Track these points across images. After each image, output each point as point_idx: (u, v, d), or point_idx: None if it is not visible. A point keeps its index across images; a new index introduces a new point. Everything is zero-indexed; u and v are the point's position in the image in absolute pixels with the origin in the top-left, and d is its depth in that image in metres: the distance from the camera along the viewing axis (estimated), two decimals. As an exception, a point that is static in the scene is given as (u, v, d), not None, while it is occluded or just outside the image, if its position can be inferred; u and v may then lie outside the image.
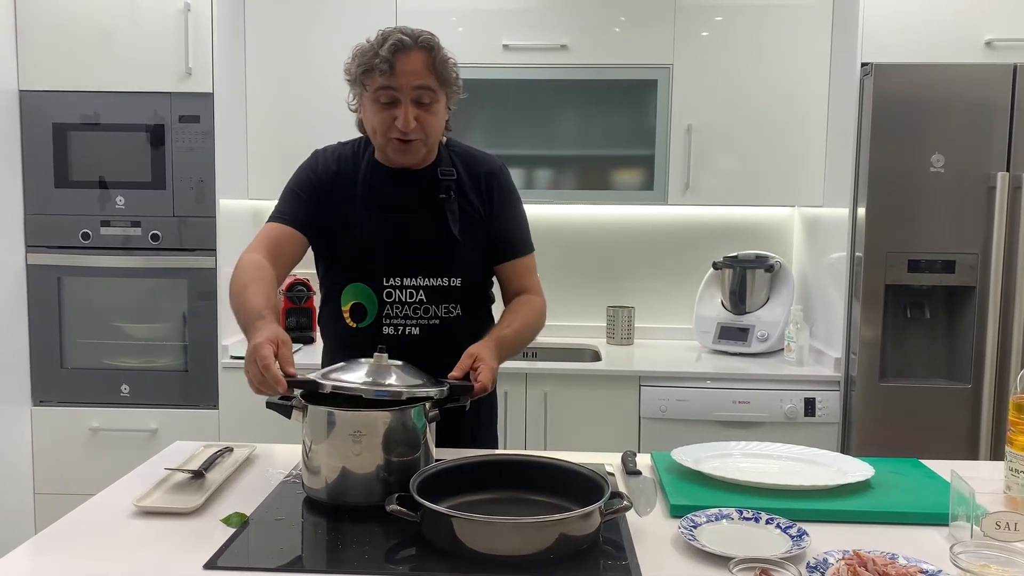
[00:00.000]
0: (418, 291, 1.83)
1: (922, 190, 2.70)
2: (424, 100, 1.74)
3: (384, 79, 1.71)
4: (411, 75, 1.71)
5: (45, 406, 3.06)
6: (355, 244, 1.82)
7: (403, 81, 1.71)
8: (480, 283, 1.93)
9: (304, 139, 3.20)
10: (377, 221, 1.81)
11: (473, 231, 1.85)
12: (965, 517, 1.32)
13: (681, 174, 3.18)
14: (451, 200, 1.83)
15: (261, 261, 1.76)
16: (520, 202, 1.95)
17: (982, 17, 2.78)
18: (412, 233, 1.82)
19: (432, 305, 1.84)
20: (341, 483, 1.42)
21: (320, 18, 3.19)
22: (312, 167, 1.88)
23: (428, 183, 1.84)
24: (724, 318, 3.30)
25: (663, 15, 3.15)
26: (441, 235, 1.82)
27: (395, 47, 1.70)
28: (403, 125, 1.73)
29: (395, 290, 1.82)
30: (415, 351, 1.71)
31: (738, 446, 1.73)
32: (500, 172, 1.92)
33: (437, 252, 1.82)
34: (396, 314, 1.83)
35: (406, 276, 1.82)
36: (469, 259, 1.86)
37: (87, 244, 3.01)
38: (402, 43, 1.71)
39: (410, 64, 1.71)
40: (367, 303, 1.84)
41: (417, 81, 1.72)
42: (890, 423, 2.76)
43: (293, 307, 3.32)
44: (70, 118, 2.98)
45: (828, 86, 3.12)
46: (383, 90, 1.73)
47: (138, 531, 1.34)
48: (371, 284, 1.83)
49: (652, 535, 1.35)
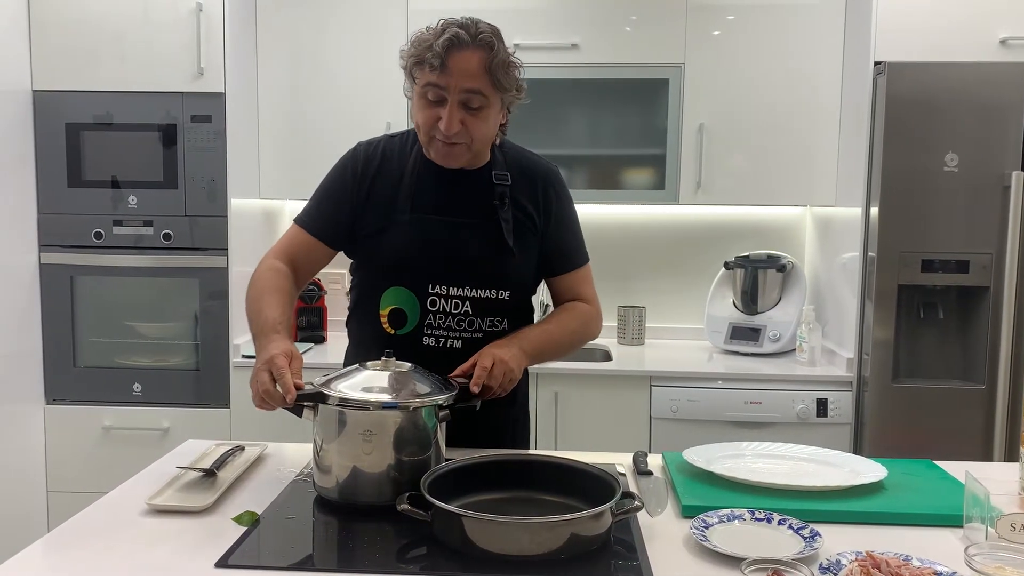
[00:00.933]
0: (464, 302, 1.71)
1: (936, 190, 2.69)
2: (473, 104, 1.62)
3: (433, 75, 1.59)
4: (462, 75, 1.59)
5: (58, 404, 3.08)
6: (399, 245, 1.71)
7: (452, 81, 1.59)
8: (528, 295, 1.83)
9: (316, 138, 3.24)
10: (425, 223, 1.71)
11: (526, 241, 1.75)
12: (980, 519, 1.31)
13: (693, 173, 3.17)
14: (505, 208, 1.72)
15: (282, 268, 1.72)
16: (575, 210, 1.85)
17: (996, 15, 2.76)
18: (463, 240, 1.71)
19: (477, 318, 1.73)
20: (352, 482, 1.41)
21: (331, 18, 3.19)
22: (350, 164, 1.77)
23: (481, 187, 1.74)
24: (736, 318, 3.29)
25: (674, 14, 3.14)
26: (494, 245, 1.71)
27: (450, 42, 1.58)
28: (445, 128, 1.61)
29: (440, 299, 1.71)
30: (455, 365, 1.64)
31: (750, 446, 1.72)
32: (556, 178, 1.82)
33: (489, 263, 1.71)
34: (439, 324, 1.72)
35: (453, 285, 1.70)
36: (521, 271, 1.76)
37: (100, 243, 3.02)
38: (458, 39, 1.58)
39: (463, 63, 1.59)
40: (408, 309, 1.72)
41: (467, 84, 1.60)
42: (903, 424, 2.75)
43: (304, 306, 3.33)
44: (83, 118, 3.00)
45: (841, 85, 3.11)
46: (430, 87, 1.61)
47: (150, 529, 1.35)
48: (414, 290, 1.71)
49: (663, 536, 1.34)
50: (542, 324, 1.80)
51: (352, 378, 1.47)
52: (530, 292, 1.85)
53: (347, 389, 1.43)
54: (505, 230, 1.72)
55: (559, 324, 1.80)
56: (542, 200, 1.78)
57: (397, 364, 1.50)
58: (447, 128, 1.61)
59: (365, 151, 1.78)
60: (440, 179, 1.73)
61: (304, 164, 3.24)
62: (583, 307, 1.84)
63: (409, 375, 1.49)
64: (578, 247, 1.86)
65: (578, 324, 1.82)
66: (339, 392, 1.42)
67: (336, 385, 1.45)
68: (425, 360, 1.61)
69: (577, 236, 1.86)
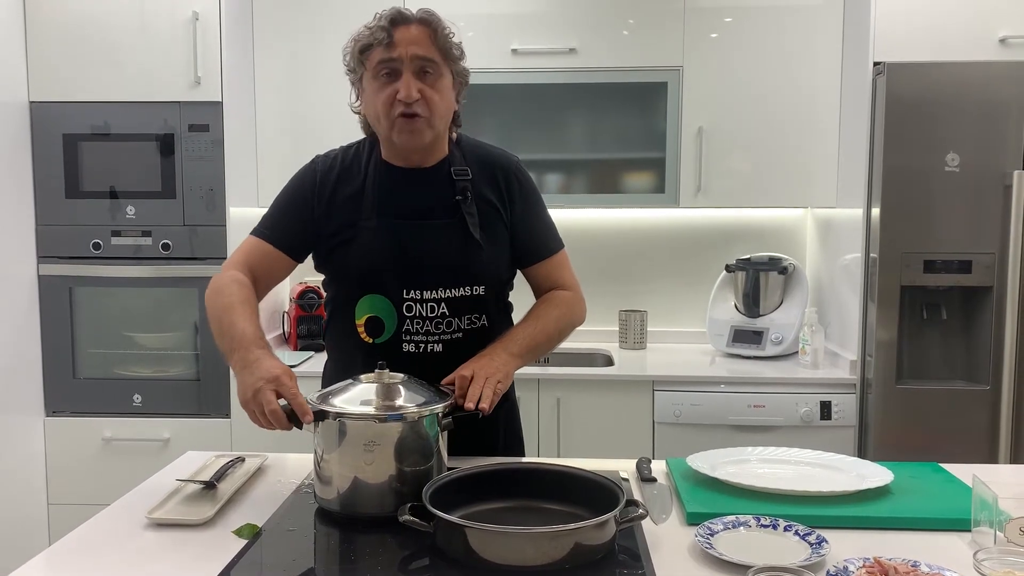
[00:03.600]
0: (440, 304, 1.71)
1: (937, 190, 2.68)
2: (428, 70, 1.64)
3: (383, 51, 1.62)
4: (411, 44, 1.62)
5: (58, 416, 3.06)
6: (369, 252, 1.70)
7: (403, 51, 1.62)
8: (503, 289, 1.83)
9: (313, 146, 3.19)
10: (391, 227, 1.70)
11: (493, 233, 1.74)
12: (988, 522, 1.30)
13: (692, 176, 3.16)
14: (468, 201, 1.72)
15: (245, 280, 1.69)
16: (540, 197, 1.85)
17: (995, 14, 2.75)
18: (431, 240, 1.70)
19: (455, 318, 1.72)
20: (353, 493, 1.40)
21: (328, 25, 3.18)
22: (308, 176, 1.77)
23: (442, 183, 1.73)
24: (738, 321, 3.28)
25: (672, 17, 3.13)
26: (462, 241, 1.71)
27: (393, 19, 1.63)
28: (404, 93, 1.61)
29: (415, 304, 1.70)
30: (437, 369, 1.63)
31: (754, 452, 1.71)
32: (517, 168, 1.81)
33: (459, 260, 1.71)
34: (417, 330, 1.71)
35: (426, 289, 1.70)
36: (492, 263, 1.75)
37: (98, 254, 3.01)
38: (400, 14, 1.64)
39: (409, 34, 1.63)
40: (385, 316, 1.71)
41: (418, 50, 1.62)
42: (907, 426, 2.73)
43: (304, 315, 3.32)
44: (80, 128, 2.99)
45: (840, 86, 3.10)
46: (383, 63, 1.63)
47: (151, 542, 1.34)
48: (388, 296, 1.70)
49: (668, 543, 1.33)
50: (525, 321, 1.78)
51: (349, 392, 1.46)
52: (506, 286, 1.84)
53: (345, 403, 1.42)
54: (471, 224, 1.71)
55: (543, 316, 1.78)
56: (505, 190, 1.78)
57: (391, 375, 1.49)
58: (406, 93, 1.61)
59: (323, 162, 1.79)
60: (401, 181, 1.74)
61: (303, 172, 3.23)
62: (563, 294, 1.83)
63: (405, 385, 1.48)
64: (549, 234, 1.85)
65: (561, 311, 1.80)
66: (339, 407, 1.41)
67: (334, 400, 1.44)
68: (406, 367, 1.58)
69: (546, 223, 1.85)
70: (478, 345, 1.70)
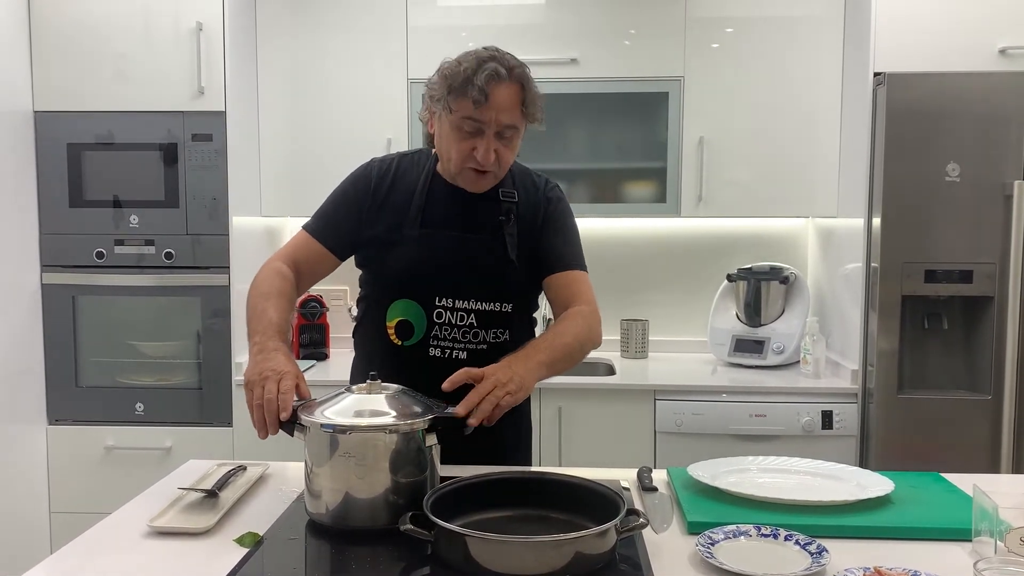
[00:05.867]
0: (469, 314, 1.77)
1: (938, 199, 2.68)
2: (506, 135, 1.71)
3: (474, 110, 1.66)
4: (502, 111, 1.67)
5: (60, 425, 3.07)
6: (408, 258, 1.76)
7: (492, 116, 1.67)
8: (529, 308, 1.90)
9: (316, 156, 3.25)
10: (433, 237, 1.77)
11: (529, 254, 1.81)
12: (988, 532, 1.30)
13: (694, 186, 3.17)
14: (511, 223, 1.79)
15: (287, 273, 1.76)
16: (572, 222, 1.89)
17: (995, 25, 2.76)
18: (469, 254, 1.77)
19: (482, 330, 1.79)
20: (344, 506, 1.39)
21: (331, 35, 3.20)
22: (363, 177, 1.83)
23: (489, 203, 1.80)
24: (739, 330, 3.28)
25: (673, 27, 3.14)
26: (499, 259, 1.78)
27: (491, 77, 1.65)
28: (483, 159, 1.69)
29: (446, 311, 1.77)
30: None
31: (755, 461, 1.71)
32: (555, 192, 1.88)
33: (493, 276, 1.78)
34: (444, 336, 1.77)
35: (459, 298, 1.76)
36: (523, 283, 1.82)
37: (101, 263, 3.02)
38: (498, 74, 1.66)
39: (503, 98, 1.67)
40: (415, 321, 1.77)
41: (506, 119, 1.68)
42: (909, 436, 2.73)
43: (307, 323, 3.33)
44: (84, 138, 3.00)
45: (840, 96, 3.11)
46: (469, 120, 1.68)
47: (152, 551, 1.34)
48: (421, 302, 1.77)
49: (669, 553, 1.33)
50: (549, 334, 1.77)
51: (339, 403, 1.46)
52: (532, 304, 1.91)
53: (334, 414, 1.42)
54: (509, 244, 1.79)
55: (564, 331, 1.76)
56: (541, 210, 1.84)
57: (384, 386, 1.50)
58: (484, 159, 1.69)
59: (379, 166, 1.85)
60: (450, 196, 1.80)
61: (305, 182, 3.25)
62: (584, 310, 1.80)
63: (398, 396, 1.48)
64: (574, 252, 1.86)
65: (583, 328, 1.78)
66: (325, 417, 1.42)
67: (323, 410, 1.44)
68: (431, 370, 1.68)
69: (572, 242, 1.87)
70: (501, 357, 1.68)
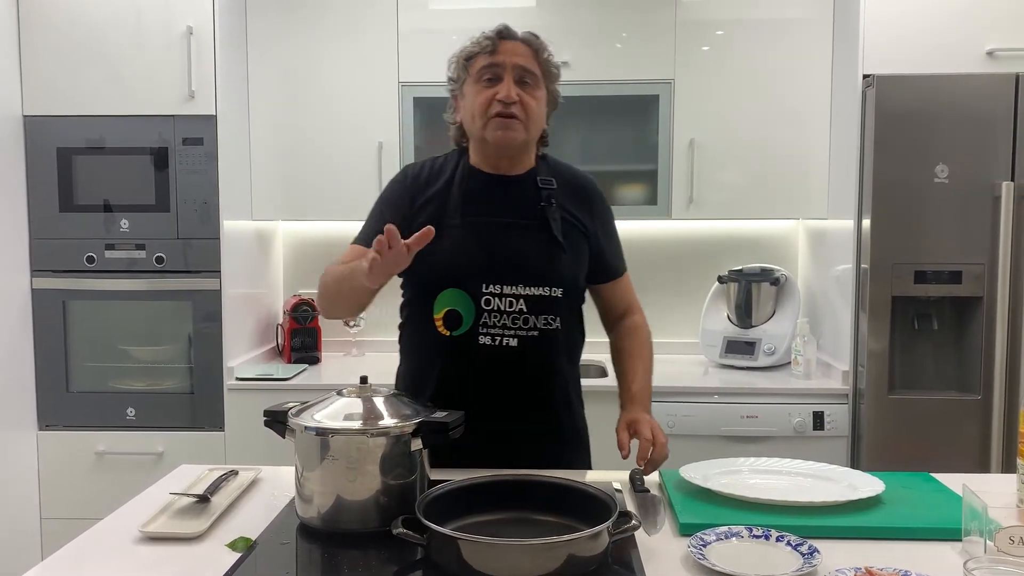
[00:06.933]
0: (518, 300, 1.75)
1: (927, 201, 2.70)
2: (527, 80, 1.75)
3: (488, 57, 1.75)
4: (515, 54, 1.75)
5: (51, 430, 3.05)
6: (452, 248, 1.74)
7: (507, 59, 1.74)
8: (579, 295, 1.88)
9: (307, 160, 3.24)
10: (476, 225, 1.77)
11: (575, 240, 1.81)
12: (978, 532, 1.31)
13: (684, 188, 3.18)
14: (552, 208, 1.79)
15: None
16: (614, 218, 1.94)
17: (983, 27, 2.78)
18: (514, 239, 1.77)
19: (532, 316, 1.76)
20: (334, 510, 1.40)
21: (321, 39, 3.20)
22: (397, 182, 1.87)
23: (527, 190, 1.81)
24: (730, 332, 3.29)
25: (664, 30, 3.15)
26: (545, 243, 1.77)
27: (500, 32, 1.77)
28: (504, 94, 1.72)
29: (494, 298, 1.74)
30: (512, 363, 1.73)
31: (747, 462, 1.72)
32: (597, 190, 1.91)
33: (541, 259, 1.77)
34: (494, 323, 1.74)
35: (506, 284, 1.74)
36: (571, 268, 1.81)
37: (92, 268, 3.01)
38: (508, 29, 1.77)
39: (514, 47, 1.76)
40: (463, 310, 1.75)
41: (521, 60, 1.75)
42: (900, 436, 2.74)
43: (298, 327, 3.32)
44: (74, 142, 2.99)
45: (830, 98, 3.12)
46: (486, 68, 1.75)
47: (143, 556, 1.33)
48: (468, 290, 1.75)
49: (661, 554, 1.33)
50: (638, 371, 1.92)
51: (329, 406, 1.46)
52: (581, 292, 1.89)
53: (323, 417, 1.43)
54: (555, 228, 1.78)
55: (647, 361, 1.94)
56: (587, 210, 1.86)
57: (373, 390, 1.50)
58: (506, 93, 1.72)
59: (412, 168, 1.89)
60: (487, 185, 1.82)
61: (296, 186, 3.24)
62: (643, 327, 1.98)
63: (388, 400, 1.48)
64: (619, 256, 1.96)
65: (649, 350, 1.96)
66: (314, 421, 1.42)
67: (312, 413, 1.44)
68: (481, 359, 1.73)
69: (618, 244, 1.95)
70: (551, 344, 1.78)
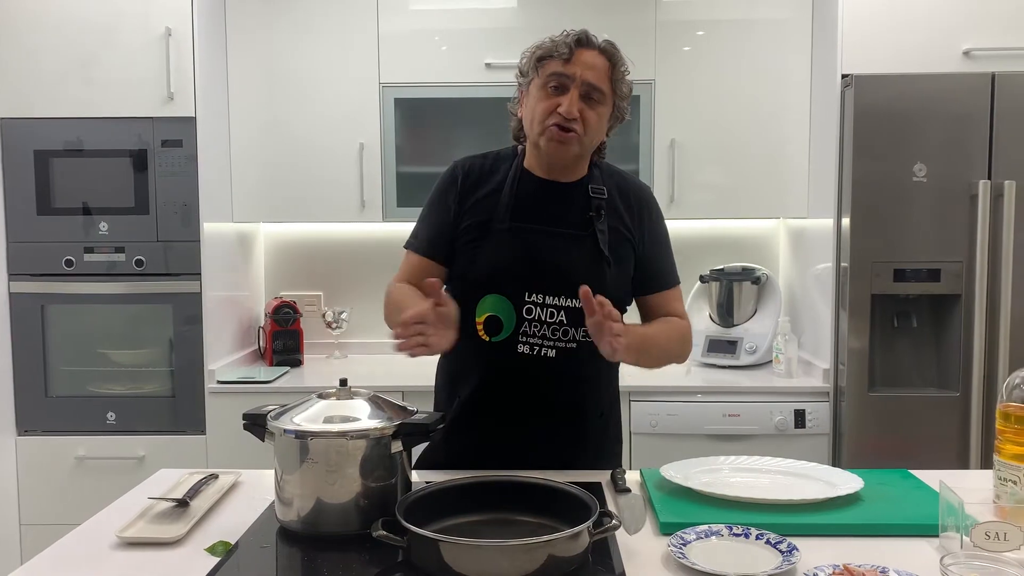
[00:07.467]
0: (559, 311, 1.73)
1: (905, 199, 2.72)
2: (592, 96, 1.70)
3: (560, 65, 1.69)
4: (587, 68, 1.69)
5: (30, 435, 3.03)
6: (498, 253, 1.73)
7: (577, 71, 1.68)
8: (620, 310, 1.81)
9: (288, 161, 3.23)
10: (523, 232, 1.74)
11: (621, 254, 1.78)
12: (955, 528, 1.32)
13: (666, 188, 3.19)
14: (601, 219, 1.76)
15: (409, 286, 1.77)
16: (667, 230, 1.89)
17: (960, 27, 2.80)
18: (560, 249, 1.74)
19: (572, 328, 1.73)
20: (315, 513, 1.39)
21: (302, 40, 3.19)
22: (447, 179, 1.83)
23: (578, 199, 1.78)
24: (712, 331, 3.30)
25: (644, 31, 3.16)
26: (590, 255, 1.74)
27: (579, 40, 1.71)
28: (566, 109, 1.67)
29: (535, 307, 1.73)
30: (548, 374, 1.72)
31: (727, 461, 1.73)
32: (652, 198, 1.87)
33: (585, 272, 1.71)
34: (534, 332, 1.73)
35: (548, 294, 1.72)
36: (615, 281, 1.77)
37: (71, 271, 2.99)
38: (587, 38, 1.72)
39: (590, 58, 1.70)
40: (505, 316, 1.73)
41: (591, 78, 1.69)
42: (880, 433, 2.76)
43: (280, 330, 3.30)
44: (52, 145, 2.97)
45: (810, 98, 3.14)
46: (555, 76, 1.70)
47: (121, 562, 1.33)
48: (511, 297, 1.73)
49: (642, 554, 1.34)
50: (647, 325, 1.81)
51: (309, 408, 1.46)
52: (624, 307, 1.83)
53: (302, 420, 1.42)
54: (601, 240, 1.75)
55: (664, 330, 1.80)
56: (637, 216, 1.83)
57: (354, 392, 1.50)
58: (568, 110, 1.67)
59: (463, 164, 1.84)
60: (539, 191, 1.78)
61: (277, 187, 3.23)
62: (684, 324, 1.85)
63: (368, 402, 1.47)
64: (671, 267, 1.89)
65: (679, 336, 1.82)
66: (293, 423, 1.41)
67: (292, 416, 1.44)
68: (519, 367, 1.72)
69: (670, 256, 1.90)
70: (590, 358, 1.69)
